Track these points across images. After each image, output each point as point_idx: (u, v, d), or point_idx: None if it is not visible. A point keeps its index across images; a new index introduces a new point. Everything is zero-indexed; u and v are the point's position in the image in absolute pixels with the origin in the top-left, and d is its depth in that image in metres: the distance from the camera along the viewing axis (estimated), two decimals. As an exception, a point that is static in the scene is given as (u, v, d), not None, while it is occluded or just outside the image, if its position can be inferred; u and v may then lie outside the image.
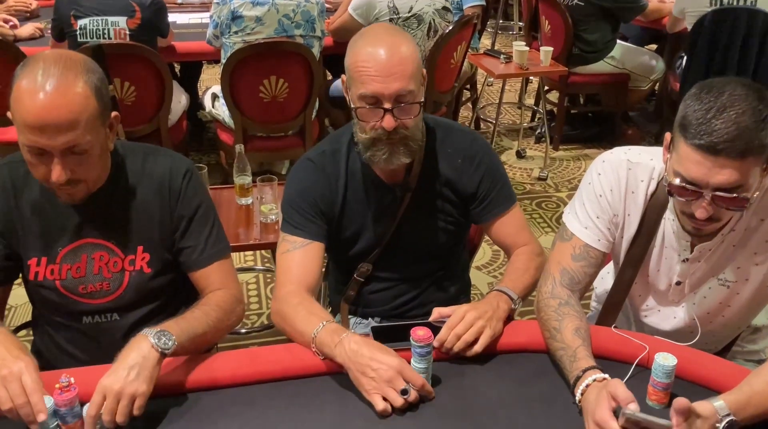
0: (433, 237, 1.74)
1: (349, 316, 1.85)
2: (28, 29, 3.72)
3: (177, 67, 4.47)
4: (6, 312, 1.51)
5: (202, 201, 1.57)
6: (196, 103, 4.24)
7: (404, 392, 1.30)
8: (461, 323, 1.42)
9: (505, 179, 1.73)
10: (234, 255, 3.17)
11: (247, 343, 2.75)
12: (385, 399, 1.31)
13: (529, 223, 3.83)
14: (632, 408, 1.17)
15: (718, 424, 1.18)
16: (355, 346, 1.35)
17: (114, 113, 1.42)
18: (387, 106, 1.48)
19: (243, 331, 2.81)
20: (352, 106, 1.54)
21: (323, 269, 1.73)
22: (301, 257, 1.61)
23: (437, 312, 1.47)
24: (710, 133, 1.24)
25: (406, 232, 1.71)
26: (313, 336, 1.42)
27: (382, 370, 1.31)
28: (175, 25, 3.95)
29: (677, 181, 1.31)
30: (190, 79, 4.42)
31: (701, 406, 1.18)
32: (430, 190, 1.69)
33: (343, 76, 1.59)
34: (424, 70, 1.58)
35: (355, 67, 1.49)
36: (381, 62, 1.46)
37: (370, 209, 1.69)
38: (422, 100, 1.54)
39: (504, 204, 1.71)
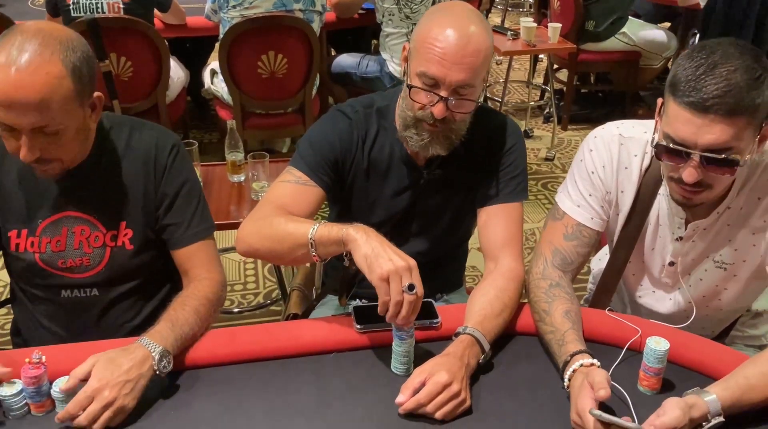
0: (445, 221, 1.66)
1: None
2: None
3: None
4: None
5: (188, 178, 1.52)
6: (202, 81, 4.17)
7: (411, 287, 1.23)
8: (432, 386, 1.23)
9: (523, 171, 1.61)
10: (228, 233, 3.17)
11: (241, 323, 2.70)
12: None
13: (534, 203, 3.82)
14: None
15: (705, 423, 1.14)
16: (375, 232, 1.29)
17: (96, 94, 1.36)
18: (444, 93, 1.39)
19: (236, 310, 2.77)
20: (408, 81, 1.45)
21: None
22: (299, 192, 1.51)
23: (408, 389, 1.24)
24: (699, 89, 1.18)
25: (420, 212, 1.63)
26: (313, 229, 1.34)
27: (398, 260, 1.24)
28: (182, -1, 3.88)
29: (664, 142, 1.25)
30: (199, 55, 4.32)
31: (691, 401, 1.13)
32: (454, 174, 1.60)
33: (406, 43, 1.50)
34: (490, 71, 1.48)
35: (424, 42, 1.38)
36: (452, 46, 1.36)
37: (390, 184, 1.61)
38: (480, 100, 1.46)
39: (509, 194, 1.58)
